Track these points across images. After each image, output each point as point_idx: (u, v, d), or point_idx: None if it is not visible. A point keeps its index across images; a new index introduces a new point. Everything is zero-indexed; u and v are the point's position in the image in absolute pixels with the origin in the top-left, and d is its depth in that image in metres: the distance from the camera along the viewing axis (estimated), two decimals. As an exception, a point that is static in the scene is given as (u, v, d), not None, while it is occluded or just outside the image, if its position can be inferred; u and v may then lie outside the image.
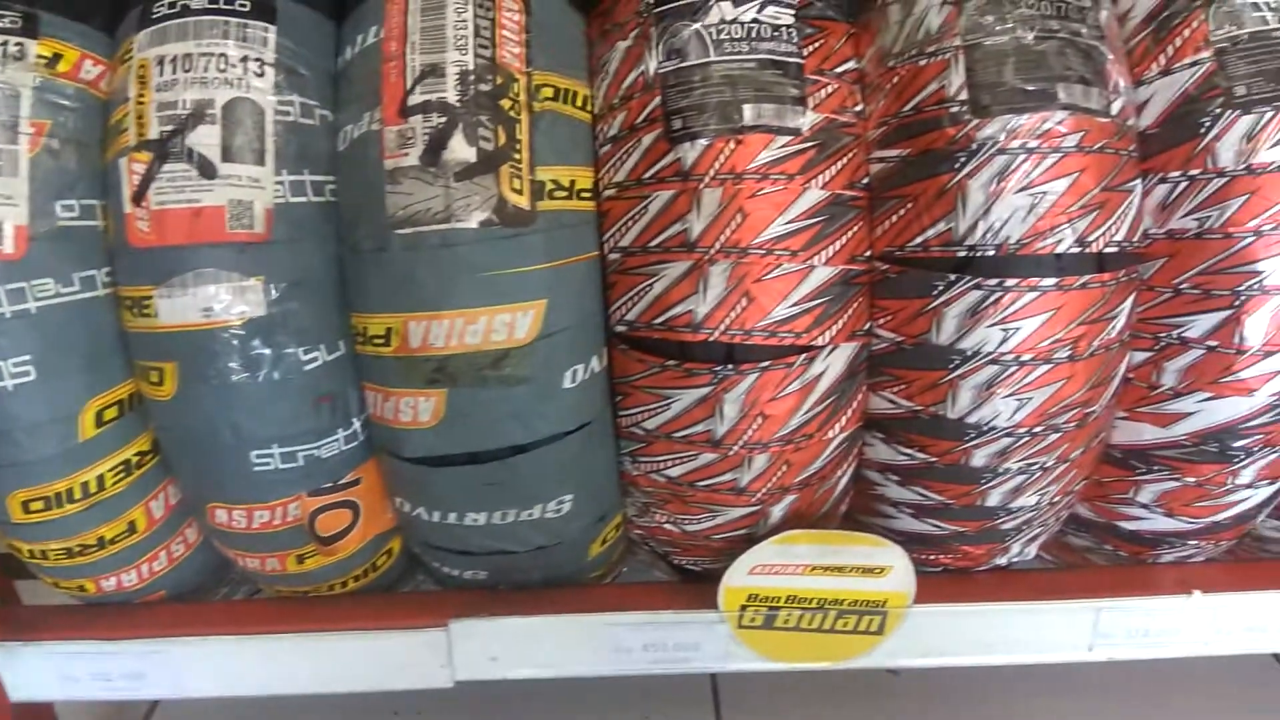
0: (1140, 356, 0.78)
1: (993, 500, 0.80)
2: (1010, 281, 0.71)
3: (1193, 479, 0.80)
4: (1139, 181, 0.74)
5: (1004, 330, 0.72)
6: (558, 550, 0.84)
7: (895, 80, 0.74)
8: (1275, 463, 0.79)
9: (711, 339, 0.73)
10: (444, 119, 0.70)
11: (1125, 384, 0.80)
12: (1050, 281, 0.71)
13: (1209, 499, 0.81)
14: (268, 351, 0.73)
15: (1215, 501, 0.82)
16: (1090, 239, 0.71)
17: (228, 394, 0.74)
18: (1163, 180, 0.74)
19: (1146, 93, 0.75)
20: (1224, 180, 0.72)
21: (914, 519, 0.84)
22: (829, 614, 0.84)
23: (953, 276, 0.72)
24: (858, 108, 0.75)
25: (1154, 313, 0.77)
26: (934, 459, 0.79)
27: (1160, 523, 0.85)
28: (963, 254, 0.71)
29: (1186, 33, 0.73)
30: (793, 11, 0.73)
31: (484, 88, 0.71)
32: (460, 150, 0.70)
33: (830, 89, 0.73)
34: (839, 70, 0.75)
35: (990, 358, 0.73)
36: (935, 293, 0.73)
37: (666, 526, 0.86)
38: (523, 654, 0.87)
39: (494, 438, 0.75)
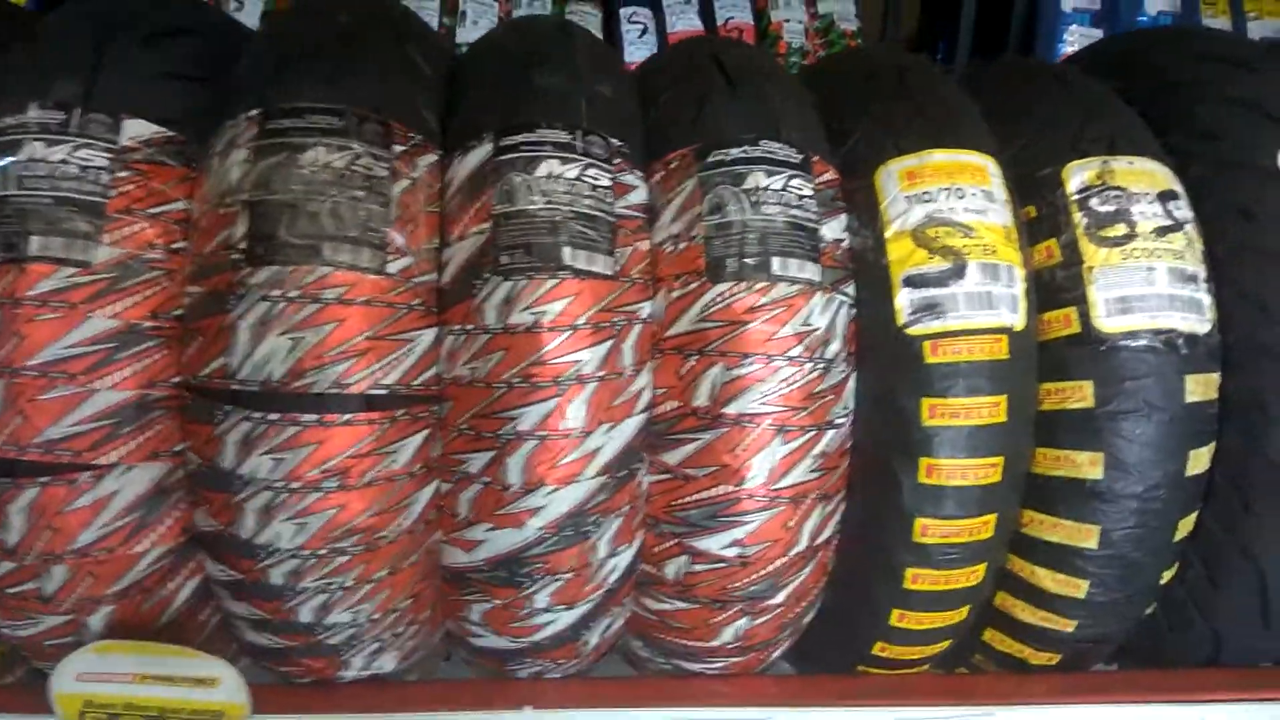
0: (446, 487, 0.86)
1: (305, 617, 0.85)
2: (274, 416, 0.77)
3: (499, 601, 0.88)
4: (424, 332, 0.83)
5: (274, 459, 0.78)
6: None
7: (204, 224, 0.81)
8: (565, 589, 0.87)
9: (-14, 453, 0.76)
10: None
11: (440, 511, 0.87)
12: (311, 417, 0.78)
13: (519, 620, 0.89)
14: None
15: (526, 623, 0.89)
16: (350, 381, 0.78)
17: None
18: (450, 332, 0.83)
19: (450, 253, 0.85)
20: (488, 337, 0.81)
21: (253, 631, 0.88)
22: (167, 723, 0.87)
23: (228, 408, 0.78)
24: (175, 245, 0.82)
25: (450, 448, 0.85)
26: (242, 576, 0.83)
27: (493, 640, 0.92)
28: (236, 387, 0.78)
29: (479, 203, 0.84)
30: (108, 154, 0.79)
31: None
32: None
33: (138, 227, 0.80)
34: (156, 210, 0.81)
35: (265, 484, 0.79)
36: (217, 421, 0.79)
37: (3, 632, 0.86)
38: None
39: None
